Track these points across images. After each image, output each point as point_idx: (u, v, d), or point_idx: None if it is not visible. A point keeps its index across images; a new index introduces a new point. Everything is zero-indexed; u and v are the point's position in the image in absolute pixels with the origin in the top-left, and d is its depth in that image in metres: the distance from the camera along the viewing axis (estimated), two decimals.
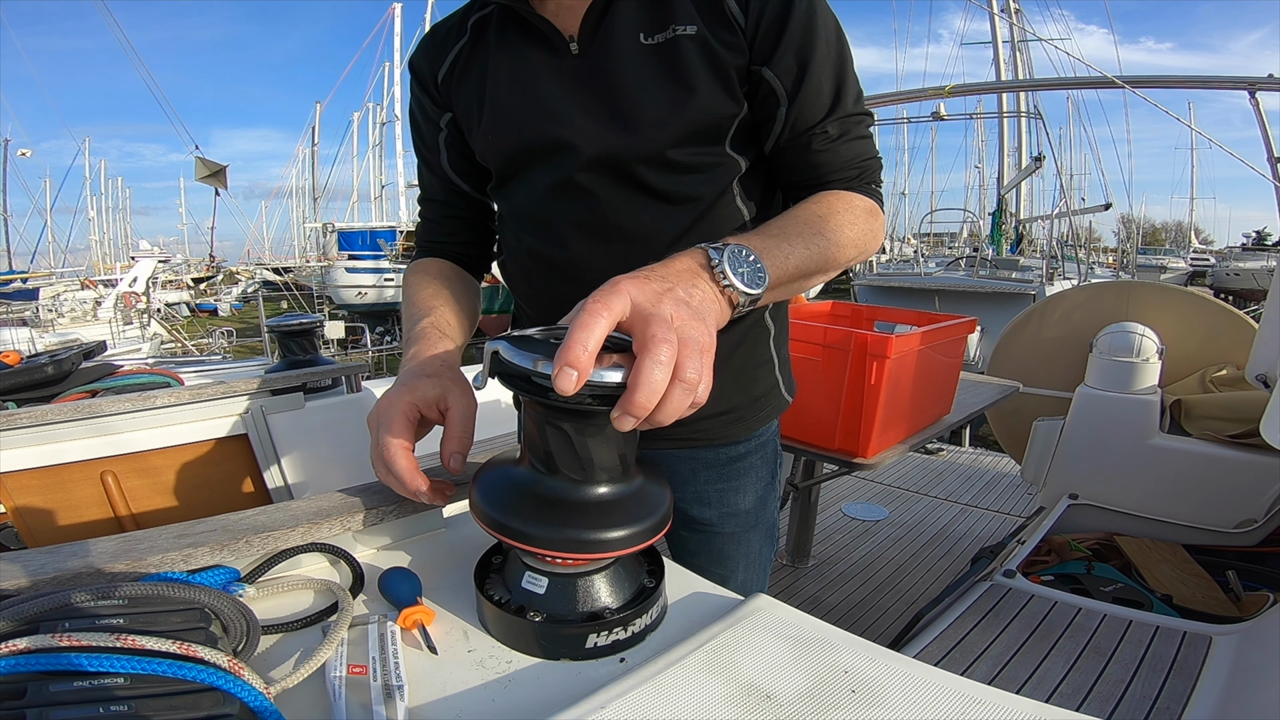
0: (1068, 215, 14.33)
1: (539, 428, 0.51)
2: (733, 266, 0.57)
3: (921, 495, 3.42)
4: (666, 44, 0.71)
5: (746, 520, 0.94)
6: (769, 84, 0.72)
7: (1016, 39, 18.61)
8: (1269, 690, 1.30)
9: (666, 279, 0.52)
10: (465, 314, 0.82)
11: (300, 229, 31.56)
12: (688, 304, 0.50)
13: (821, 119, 0.74)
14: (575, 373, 0.43)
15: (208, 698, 0.39)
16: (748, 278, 0.57)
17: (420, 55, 0.84)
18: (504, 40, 0.77)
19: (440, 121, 0.84)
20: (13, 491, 1.08)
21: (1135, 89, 2.77)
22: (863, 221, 0.73)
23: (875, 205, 0.76)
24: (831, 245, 0.68)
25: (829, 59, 0.73)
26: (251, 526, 0.62)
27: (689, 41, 0.71)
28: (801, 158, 0.76)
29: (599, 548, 0.50)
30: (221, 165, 10.23)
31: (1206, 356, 2.55)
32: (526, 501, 0.52)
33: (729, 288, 0.56)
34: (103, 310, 11.77)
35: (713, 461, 0.90)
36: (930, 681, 0.46)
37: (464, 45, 0.80)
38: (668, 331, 0.45)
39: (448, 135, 0.84)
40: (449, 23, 0.83)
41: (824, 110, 0.73)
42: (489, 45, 0.78)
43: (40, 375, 1.40)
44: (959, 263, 12.76)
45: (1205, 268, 24.69)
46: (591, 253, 0.78)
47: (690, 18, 0.71)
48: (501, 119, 0.77)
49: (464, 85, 0.80)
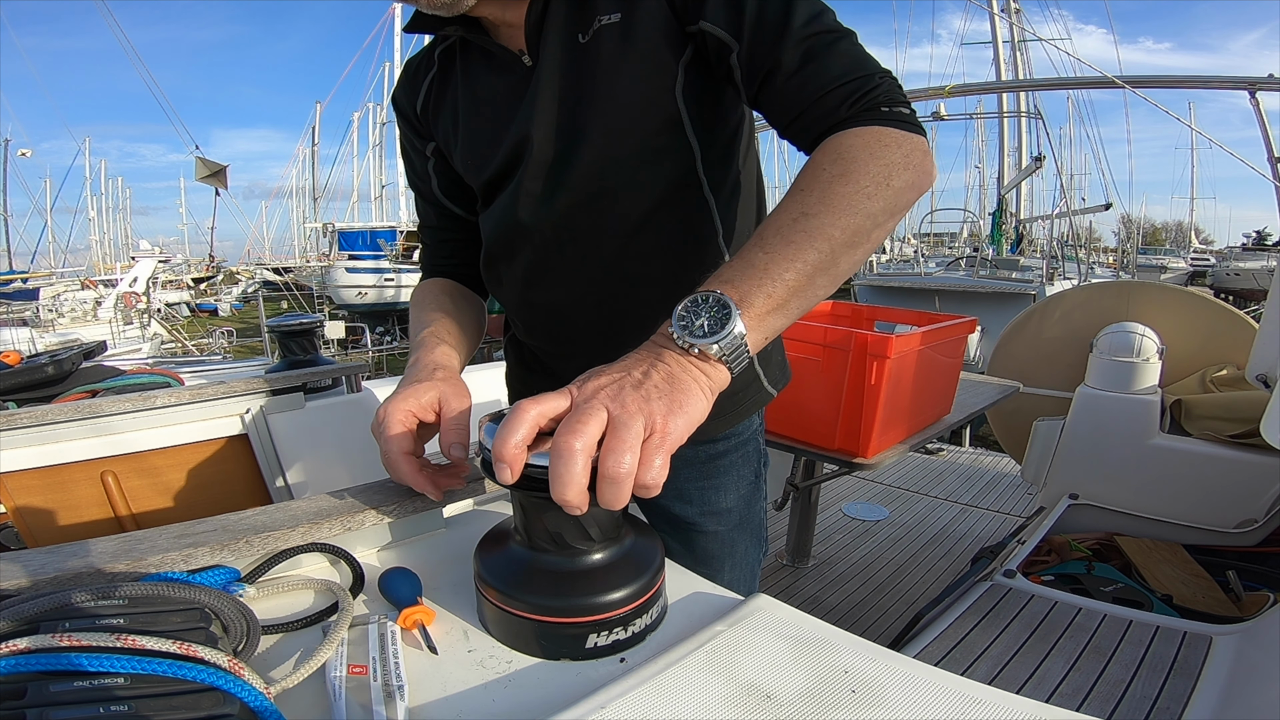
0: (1068, 215, 14.33)
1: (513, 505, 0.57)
2: (689, 325, 0.51)
3: (921, 495, 3.42)
4: (595, 36, 0.70)
5: (730, 519, 0.93)
6: (712, 36, 0.66)
7: (1017, 39, 18.61)
8: (1269, 690, 1.30)
9: (626, 368, 0.51)
10: (466, 324, 0.84)
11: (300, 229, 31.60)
12: (640, 388, 0.48)
13: (773, 49, 0.63)
14: (506, 466, 0.47)
15: (208, 698, 0.39)
16: (708, 327, 0.51)
17: (399, 90, 0.87)
18: (468, 68, 0.80)
19: (426, 150, 0.87)
20: (13, 491, 1.08)
21: (1135, 89, 2.77)
22: (867, 166, 0.57)
23: (888, 132, 0.60)
24: (832, 226, 0.55)
25: None
26: (251, 526, 0.62)
27: (612, 29, 0.69)
28: (775, 100, 0.66)
29: (574, 613, 0.52)
30: (222, 165, 10.24)
31: (1206, 356, 2.55)
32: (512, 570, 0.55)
33: (692, 349, 0.51)
34: (103, 310, 11.78)
35: (691, 459, 0.90)
36: (930, 681, 0.46)
37: (434, 76, 0.83)
38: (579, 427, 0.45)
39: (435, 163, 0.87)
40: (419, 56, 0.86)
41: (773, 39, 0.63)
42: (457, 74, 0.81)
43: (40, 375, 1.40)
44: (959, 263, 12.77)
45: (1205, 268, 24.68)
46: (547, 258, 0.80)
47: (611, 7, 0.70)
48: (472, 143, 0.80)
49: (440, 115, 0.83)
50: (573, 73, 0.72)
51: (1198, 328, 2.56)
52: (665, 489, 0.90)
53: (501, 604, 0.53)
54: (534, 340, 0.91)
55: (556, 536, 0.54)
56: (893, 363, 1.68)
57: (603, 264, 0.78)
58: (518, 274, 0.84)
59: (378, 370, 11.88)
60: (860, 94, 0.62)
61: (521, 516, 0.56)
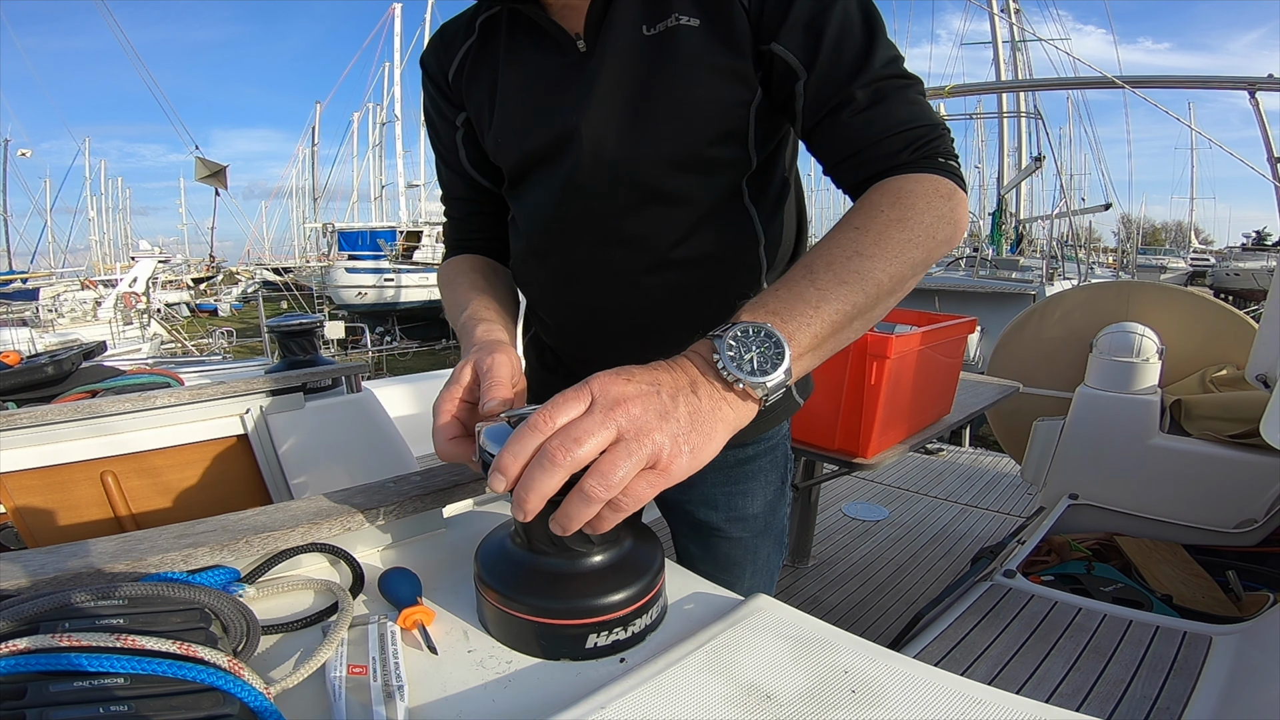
0: (1068, 215, 14.33)
1: None
2: (738, 357, 0.50)
3: (921, 495, 3.42)
4: (666, 33, 0.68)
5: (755, 525, 0.91)
6: (781, 60, 0.66)
7: (1016, 39, 18.62)
8: (1269, 690, 1.30)
9: (657, 385, 0.48)
10: (504, 300, 0.81)
11: (300, 229, 31.64)
12: (665, 417, 0.46)
13: (845, 84, 0.64)
14: (503, 479, 0.46)
15: (208, 698, 0.39)
16: (757, 363, 0.50)
17: (430, 54, 0.83)
18: (513, 42, 0.76)
19: (456, 120, 0.83)
20: (13, 491, 1.08)
21: (1135, 89, 2.77)
22: (923, 216, 0.59)
23: (945, 183, 0.62)
24: (882, 271, 0.56)
25: (850, 22, 0.65)
26: (251, 526, 0.62)
27: (690, 32, 0.68)
28: (835, 133, 0.66)
29: (574, 614, 0.52)
30: (221, 165, 10.23)
31: (1206, 356, 2.55)
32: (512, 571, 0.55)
33: (737, 384, 0.50)
34: (103, 310, 11.79)
35: (719, 464, 0.87)
36: (930, 681, 0.46)
37: (472, 44, 0.79)
38: (582, 437, 0.44)
39: (464, 134, 0.83)
40: (458, 22, 0.82)
41: (847, 75, 0.64)
42: (499, 46, 0.77)
43: (40, 375, 1.40)
44: (959, 263, 12.77)
45: (1205, 268, 24.71)
46: (590, 256, 0.77)
47: (692, 10, 0.68)
48: (510, 122, 0.76)
49: (474, 86, 0.79)
50: (639, 67, 0.69)
51: (1197, 328, 2.57)
52: (691, 495, 0.91)
53: (501, 605, 0.53)
54: (562, 342, 0.88)
55: (555, 539, 0.53)
56: (892, 363, 1.68)
57: (649, 267, 0.76)
58: (557, 272, 0.81)
59: (377, 370, 11.88)
60: (924, 142, 0.64)
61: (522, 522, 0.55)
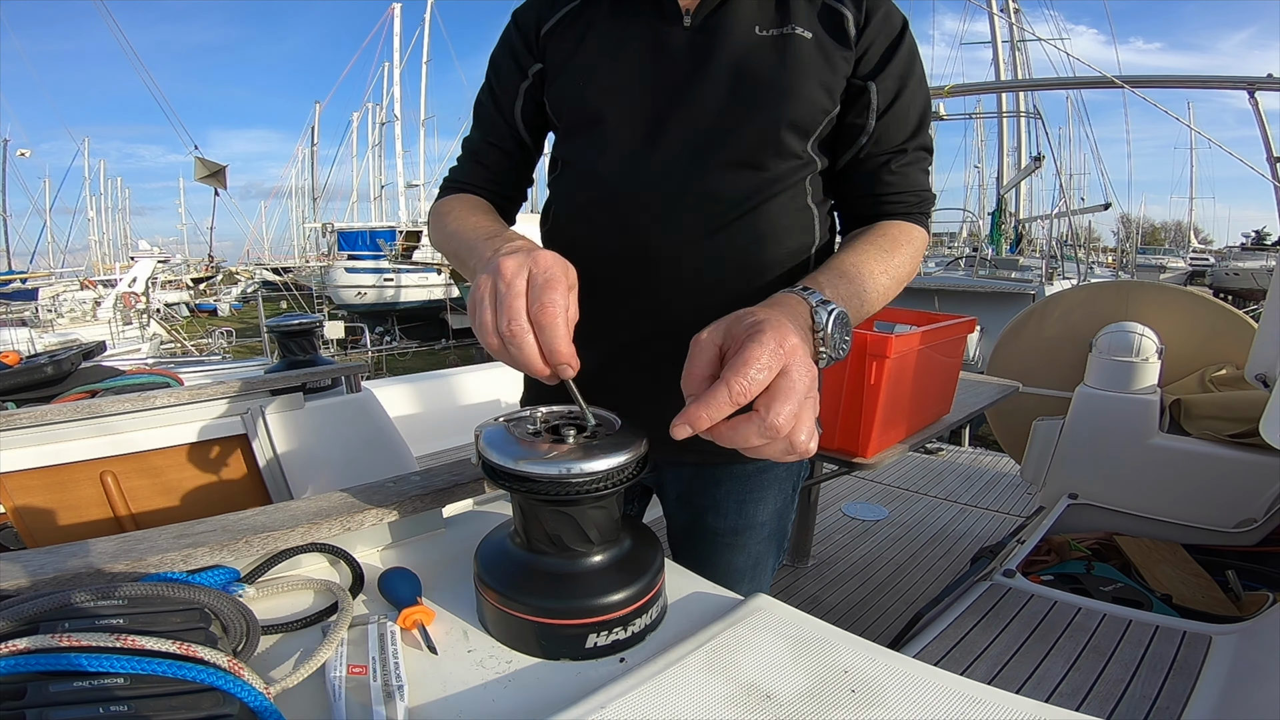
0: (1067, 215, 14.32)
1: (513, 507, 0.57)
2: (835, 335, 0.57)
3: (921, 495, 3.42)
4: (781, 38, 0.75)
5: (761, 532, 0.92)
6: (869, 96, 0.77)
7: (1015, 39, 18.62)
8: (1269, 690, 1.30)
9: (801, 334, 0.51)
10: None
11: (299, 229, 31.62)
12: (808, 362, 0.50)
13: (903, 141, 0.80)
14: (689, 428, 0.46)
15: (208, 698, 0.39)
16: (837, 346, 0.58)
17: (528, 7, 0.85)
18: (618, 6, 0.79)
19: (529, 70, 0.85)
20: (13, 491, 1.08)
21: (1134, 89, 2.78)
22: (916, 257, 0.79)
23: (925, 234, 0.83)
24: (892, 285, 0.73)
25: (920, 91, 0.80)
26: (251, 526, 0.62)
27: (803, 41, 0.75)
28: (876, 175, 0.81)
29: (574, 614, 0.52)
30: (221, 165, 10.23)
31: (1206, 356, 2.55)
32: (511, 571, 0.55)
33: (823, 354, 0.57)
34: (102, 310, 11.78)
35: (739, 472, 0.89)
36: (930, 681, 0.46)
37: (575, 7, 0.82)
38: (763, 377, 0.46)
39: (531, 85, 0.85)
40: None
41: (906, 134, 0.80)
42: (599, 11, 0.80)
43: (40, 375, 1.40)
44: (958, 262, 12.79)
45: (1204, 267, 24.72)
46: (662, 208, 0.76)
47: (808, 24, 0.76)
48: (590, 77, 0.79)
49: (564, 41, 0.82)
50: (748, 54, 0.75)
51: (1197, 327, 2.57)
52: (700, 500, 0.91)
53: (501, 605, 0.53)
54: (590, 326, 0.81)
55: (555, 538, 0.54)
56: (892, 362, 1.68)
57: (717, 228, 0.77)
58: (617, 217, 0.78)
59: (377, 370, 11.88)
60: (925, 202, 0.84)
61: (521, 518, 0.56)
